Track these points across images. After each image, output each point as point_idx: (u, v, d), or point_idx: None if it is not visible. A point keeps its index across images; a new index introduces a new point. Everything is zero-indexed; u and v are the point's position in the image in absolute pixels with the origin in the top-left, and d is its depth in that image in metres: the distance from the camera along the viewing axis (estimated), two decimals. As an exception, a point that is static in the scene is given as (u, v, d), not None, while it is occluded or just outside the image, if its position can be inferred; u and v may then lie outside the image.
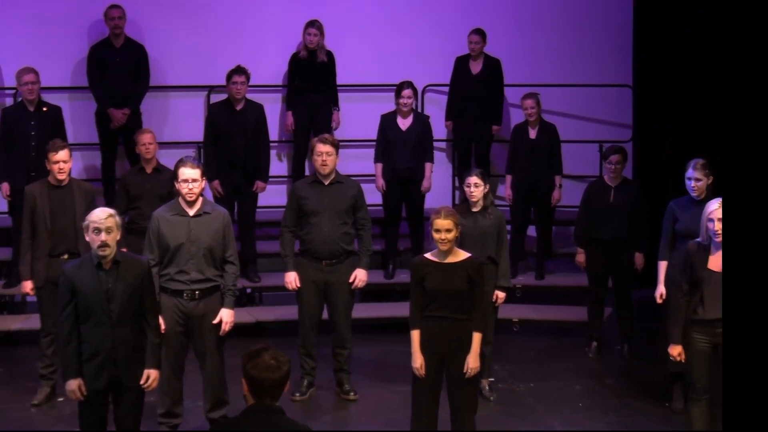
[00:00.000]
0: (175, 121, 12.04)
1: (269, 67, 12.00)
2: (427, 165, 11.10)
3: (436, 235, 7.30)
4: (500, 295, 8.82)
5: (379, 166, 11.11)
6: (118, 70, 11.38)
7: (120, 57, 11.40)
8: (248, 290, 11.21)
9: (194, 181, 7.92)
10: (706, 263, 7.43)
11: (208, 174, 8.99)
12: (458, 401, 7.39)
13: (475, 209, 8.81)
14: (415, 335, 7.38)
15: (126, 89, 11.39)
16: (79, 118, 11.69)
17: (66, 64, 11.83)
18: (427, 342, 7.35)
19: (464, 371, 7.31)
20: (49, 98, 10.76)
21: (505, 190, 11.40)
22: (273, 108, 11.93)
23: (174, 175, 8.07)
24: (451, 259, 7.35)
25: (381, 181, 11.09)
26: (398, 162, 11.04)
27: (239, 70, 10.84)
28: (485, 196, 8.84)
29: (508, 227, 11.26)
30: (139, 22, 11.80)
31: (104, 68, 11.39)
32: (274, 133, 11.82)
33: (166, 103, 12.08)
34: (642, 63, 11.84)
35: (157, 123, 11.61)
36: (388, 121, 11.07)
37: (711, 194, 8.48)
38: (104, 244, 6.82)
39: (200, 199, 8.02)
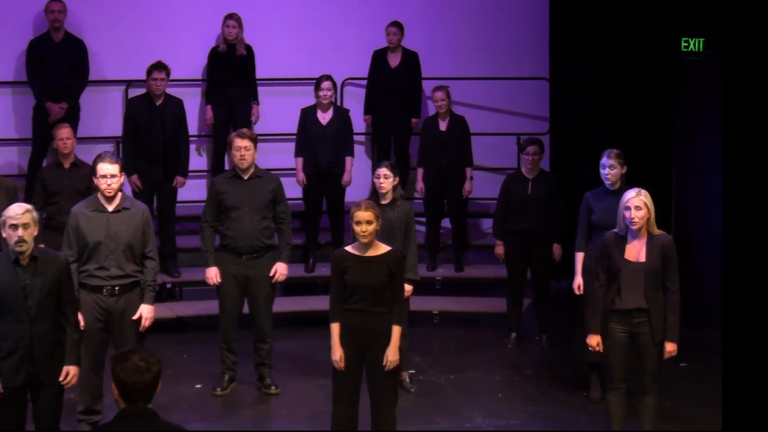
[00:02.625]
0: (100, 115, 11.93)
1: (188, 61, 11.92)
2: (348, 159, 11.12)
3: (356, 228, 7.32)
4: (408, 287, 8.69)
5: (300, 160, 11.09)
6: (57, 65, 11.27)
7: (59, 51, 11.30)
8: (168, 285, 11.15)
9: (113, 176, 7.85)
10: (622, 253, 7.53)
11: (127, 169, 8.89)
12: (378, 394, 7.42)
13: (383, 201, 8.79)
14: (335, 328, 7.40)
15: (64, 84, 11.28)
16: (21, 113, 11.62)
17: (8, 58, 11.69)
18: (347, 335, 7.37)
19: (384, 364, 7.35)
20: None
21: (417, 182, 11.45)
22: (192, 102, 11.83)
23: (92, 171, 8.00)
24: (371, 253, 7.37)
25: (302, 176, 11.08)
26: (319, 156, 11.03)
27: (159, 66, 10.77)
28: (394, 189, 8.86)
29: (423, 219, 11.37)
30: (75, 17, 11.69)
31: (43, 62, 11.29)
32: (193, 128, 11.76)
33: (105, 97, 11.98)
34: (558, 56, 11.94)
35: (94, 117, 11.64)
36: (308, 116, 11.06)
37: (625, 185, 8.59)
38: (21, 240, 6.77)
39: (119, 194, 7.96)
